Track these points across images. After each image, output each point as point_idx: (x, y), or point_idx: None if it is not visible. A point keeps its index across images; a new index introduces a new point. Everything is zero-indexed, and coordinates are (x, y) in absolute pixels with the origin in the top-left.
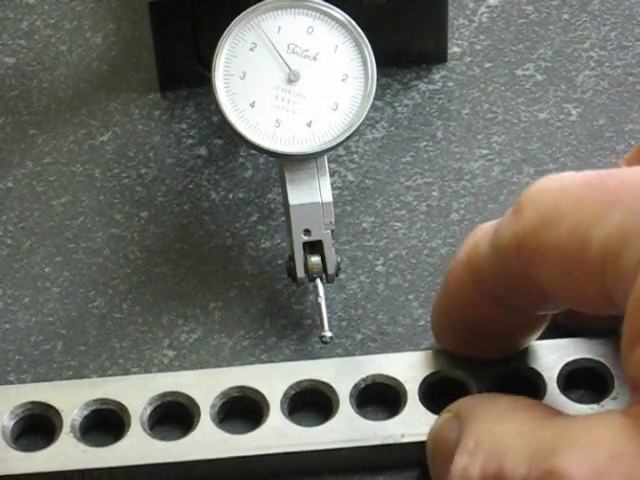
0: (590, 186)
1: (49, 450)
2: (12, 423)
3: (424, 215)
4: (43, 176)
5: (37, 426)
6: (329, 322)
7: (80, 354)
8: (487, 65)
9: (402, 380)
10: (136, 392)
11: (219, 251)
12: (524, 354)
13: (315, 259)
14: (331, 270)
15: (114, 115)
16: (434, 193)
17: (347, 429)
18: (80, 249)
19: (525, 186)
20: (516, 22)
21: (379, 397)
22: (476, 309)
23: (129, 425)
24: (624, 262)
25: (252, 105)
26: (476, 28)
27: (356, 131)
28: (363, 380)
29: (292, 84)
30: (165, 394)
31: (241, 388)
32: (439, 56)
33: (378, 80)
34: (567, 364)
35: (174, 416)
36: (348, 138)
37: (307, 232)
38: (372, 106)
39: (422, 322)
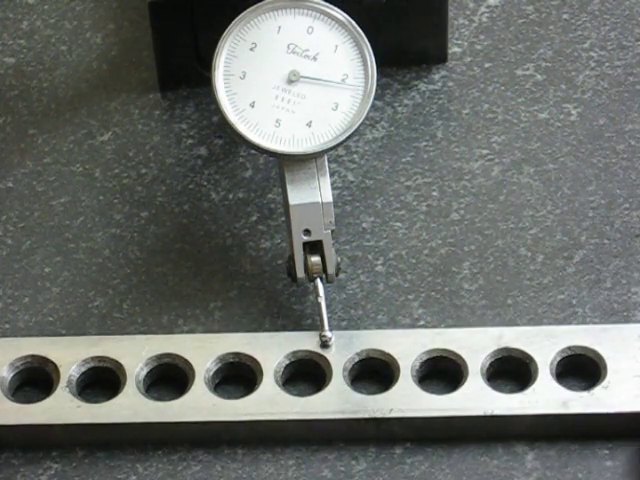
0: None
1: (44, 403)
2: (11, 375)
3: (424, 215)
4: (43, 176)
5: (36, 379)
6: (329, 322)
7: None
8: (487, 65)
9: (396, 357)
10: (134, 352)
11: (219, 251)
12: (519, 336)
13: (315, 259)
14: (331, 270)
15: (114, 115)
16: (434, 193)
17: (338, 401)
18: (80, 249)
19: (525, 186)
20: (516, 22)
21: (373, 372)
22: None
23: (124, 384)
24: None
25: (252, 105)
26: (476, 28)
27: (356, 131)
28: (357, 354)
29: (292, 84)
30: (162, 355)
31: (237, 354)
32: (439, 56)
33: (378, 80)
34: (562, 350)
35: (170, 378)
36: (348, 138)
37: (307, 232)
38: (372, 106)
39: (422, 322)
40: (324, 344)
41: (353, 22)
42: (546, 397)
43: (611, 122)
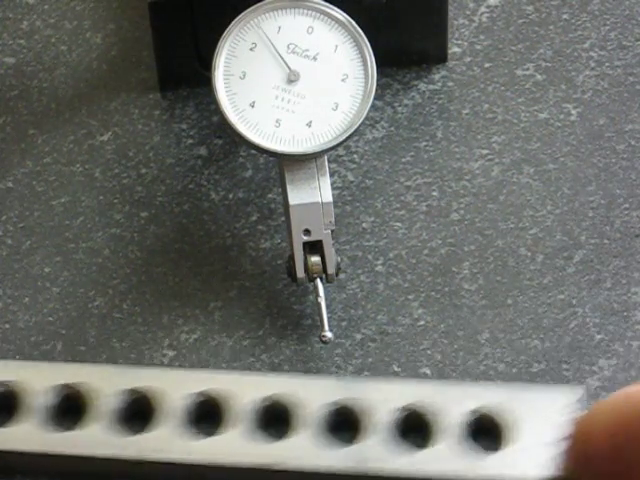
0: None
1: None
2: None
3: (424, 215)
4: (43, 176)
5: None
6: (329, 322)
7: (80, 354)
8: (487, 65)
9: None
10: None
11: (219, 251)
12: (429, 394)
13: (315, 259)
14: (331, 270)
15: (114, 115)
16: (434, 193)
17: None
18: (80, 249)
19: (525, 186)
20: (516, 22)
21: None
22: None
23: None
24: None
25: (252, 105)
26: (476, 28)
27: (356, 131)
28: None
29: (292, 84)
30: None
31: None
32: (439, 56)
33: (378, 80)
34: (473, 411)
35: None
36: (348, 138)
37: (307, 232)
38: (372, 106)
39: (422, 322)
40: (324, 344)
41: (353, 22)
42: (449, 457)
43: (611, 122)
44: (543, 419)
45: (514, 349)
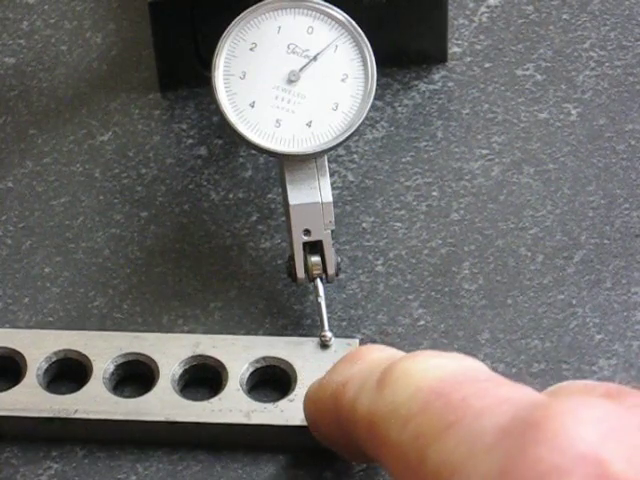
0: (439, 393)
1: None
2: None
3: (424, 215)
4: (43, 176)
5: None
6: (329, 322)
7: None
8: (487, 65)
9: (91, 358)
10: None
11: (219, 251)
12: (215, 344)
13: (315, 259)
14: (331, 270)
15: (114, 115)
16: (434, 193)
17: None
18: (80, 249)
19: (525, 186)
20: (516, 22)
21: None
22: (333, 430)
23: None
24: None
25: (252, 105)
26: (476, 28)
27: (356, 131)
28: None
29: (292, 84)
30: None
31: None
32: (439, 56)
33: (378, 80)
34: (256, 360)
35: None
36: (348, 138)
37: (307, 232)
38: (372, 106)
39: (422, 322)
40: (324, 344)
41: (353, 22)
42: (231, 407)
43: (611, 122)
44: None
45: (514, 349)
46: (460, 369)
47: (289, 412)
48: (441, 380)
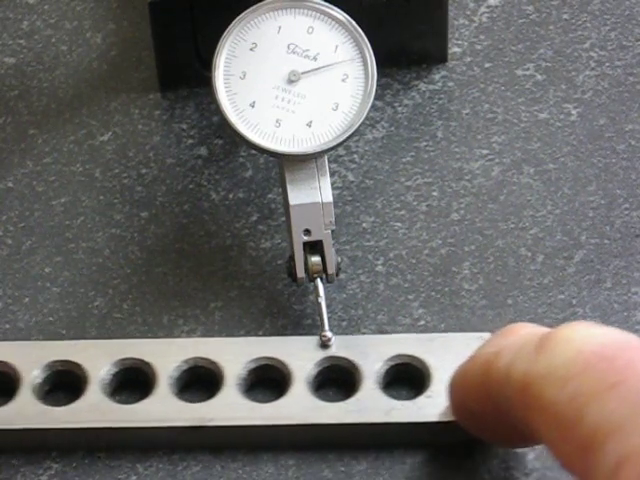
0: (601, 356)
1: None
2: None
3: (424, 215)
4: (43, 176)
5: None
6: (329, 322)
7: None
8: (487, 65)
9: (223, 365)
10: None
11: (219, 251)
12: (346, 345)
13: (315, 259)
14: (331, 270)
15: (114, 115)
16: (434, 193)
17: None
18: (80, 249)
19: (525, 186)
20: (516, 22)
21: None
22: (482, 405)
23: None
24: (604, 454)
25: (252, 105)
26: (476, 28)
27: (356, 131)
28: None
29: (292, 84)
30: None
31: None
32: (439, 56)
33: (378, 80)
34: (389, 359)
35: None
36: (348, 138)
37: (307, 232)
38: (372, 106)
39: (422, 322)
40: (324, 344)
41: (353, 22)
42: (369, 406)
43: (611, 122)
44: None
45: None
46: (622, 337)
47: (427, 409)
48: (603, 345)
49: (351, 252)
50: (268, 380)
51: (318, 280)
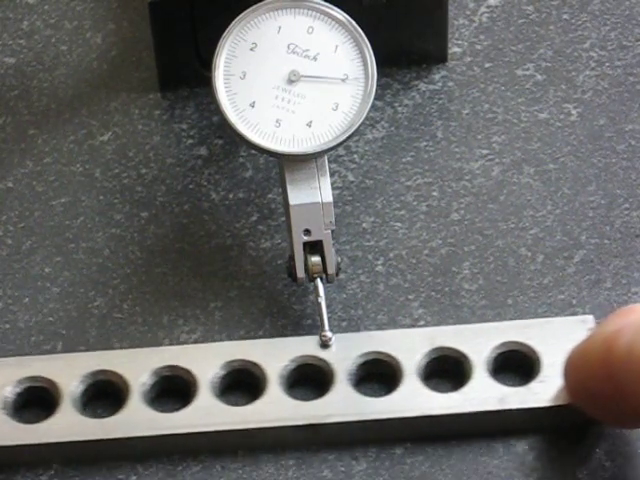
0: None
1: None
2: None
3: (424, 215)
4: (43, 176)
5: None
6: (329, 322)
7: None
8: (487, 65)
9: (330, 361)
10: (68, 370)
11: (219, 251)
12: (454, 335)
13: (315, 259)
14: (331, 270)
15: (114, 115)
16: (434, 193)
17: (275, 409)
18: (80, 249)
19: (525, 186)
20: (516, 22)
21: (311, 378)
22: (602, 384)
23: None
24: None
25: (252, 105)
26: (476, 28)
27: (356, 131)
28: (292, 361)
29: (292, 84)
30: (97, 372)
31: (172, 368)
32: (439, 56)
33: (378, 80)
34: (496, 347)
35: (109, 393)
36: (348, 138)
37: (307, 232)
38: (372, 106)
39: (422, 322)
40: (324, 344)
41: (353, 22)
42: (482, 395)
43: (611, 122)
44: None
45: None
46: None
47: (542, 394)
48: None
49: (351, 252)
50: (378, 375)
51: (318, 280)
